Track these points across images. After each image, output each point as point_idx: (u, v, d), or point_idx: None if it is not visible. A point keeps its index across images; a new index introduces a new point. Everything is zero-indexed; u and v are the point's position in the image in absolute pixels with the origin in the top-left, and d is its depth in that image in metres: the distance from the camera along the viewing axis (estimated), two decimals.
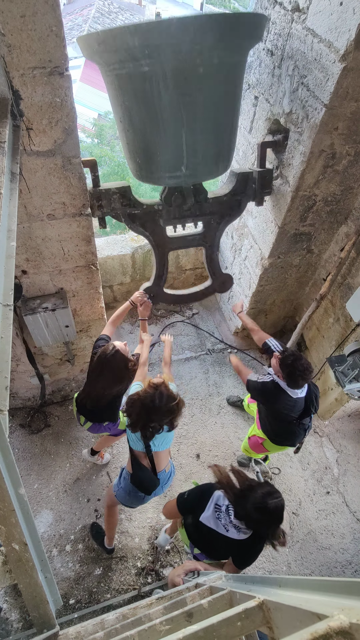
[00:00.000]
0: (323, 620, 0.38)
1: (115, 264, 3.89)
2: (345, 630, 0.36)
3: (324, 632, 0.36)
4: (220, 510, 1.94)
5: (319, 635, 0.36)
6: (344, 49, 1.96)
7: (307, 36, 2.21)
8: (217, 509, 1.95)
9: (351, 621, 0.36)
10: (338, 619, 0.37)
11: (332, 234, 3.11)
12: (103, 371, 2.39)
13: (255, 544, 1.93)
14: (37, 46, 1.59)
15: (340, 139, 2.37)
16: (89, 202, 2.29)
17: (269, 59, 2.60)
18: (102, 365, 2.38)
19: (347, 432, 3.77)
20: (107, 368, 2.38)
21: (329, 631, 0.36)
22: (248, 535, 1.89)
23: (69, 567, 2.91)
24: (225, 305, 4.30)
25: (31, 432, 3.50)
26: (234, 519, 1.87)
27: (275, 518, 1.79)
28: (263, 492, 1.81)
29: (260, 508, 1.76)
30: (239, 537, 1.89)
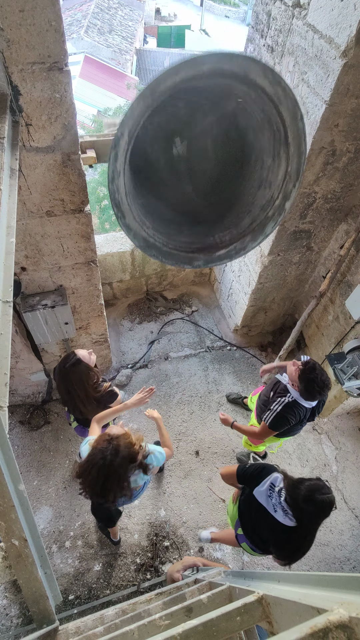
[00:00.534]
0: (323, 614, 0.38)
1: (114, 261, 3.89)
2: (345, 624, 0.36)
3: (323, 625, 0.36)
4: (273, 490, 2.00)
5: (319, 629, 0.36)
6: (344, 45, 1.95)
7: (307, 32, 2.20)
8: (271, 488, 2.01)
9: (351, 615, 0.36)
10: (338, 613, 0.37)
11: (332, 231, 3.11)
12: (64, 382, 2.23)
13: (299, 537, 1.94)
14: (36, 41, 1.58)
15: (340, 136, 2.36)
16: None
17: (269, 55, 2.59)
18: (62, 376, 2.22)
19: (345, 429, 3.78)
20: (67, 379, 2.21)
21: (329, 625, 0.36)
22: (293, 523, 1.92)
23: (69, 563, 2.92)
24: (224, 302, 4.30)
25: (30, 429, 3.51)
26: (284, 502, 1.93)
27: (321, 511, 1.84)
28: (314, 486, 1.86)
29: (309, 499, 1.82)
30: (285, 522, 1.93)
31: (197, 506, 3.21)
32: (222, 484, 3.33)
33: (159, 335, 4.17)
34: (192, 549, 3.03)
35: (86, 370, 2.23)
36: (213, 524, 3.14)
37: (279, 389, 2.48)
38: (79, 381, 2.22)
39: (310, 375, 2.18)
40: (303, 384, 2.20)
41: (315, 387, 2.17)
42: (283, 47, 2.44)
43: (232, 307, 4.08)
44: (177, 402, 3.75)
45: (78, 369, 2.21)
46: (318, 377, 2.17)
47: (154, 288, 4.42)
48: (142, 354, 4.03)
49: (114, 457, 1.67)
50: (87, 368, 2.24)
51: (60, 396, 2.35)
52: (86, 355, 2.28)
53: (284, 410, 2.33)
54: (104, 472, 1.66)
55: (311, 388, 2.18)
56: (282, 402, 2.34)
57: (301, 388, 2.23)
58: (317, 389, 2.18)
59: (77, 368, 2.21)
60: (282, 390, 2.43)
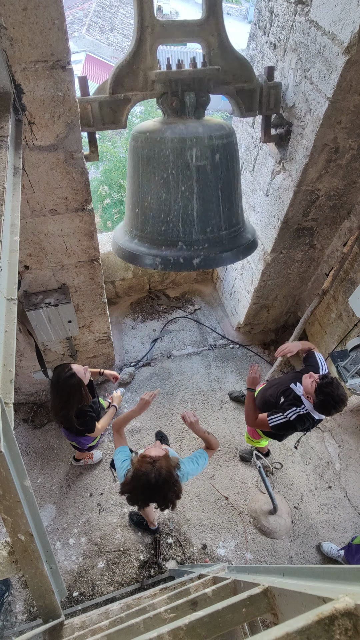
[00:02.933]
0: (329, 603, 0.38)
1: (117, 259, 3.89)
2: (351, 611, 0.36)
3: (329, 613, 0.36)
4: None
5: (325, 617, 0.36)
6: (347, 41, 1.94)
7: (310, 29, 2.19)
8: None
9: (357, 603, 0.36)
10: (344, 601, 0.37)
11: (334, 229, 3.10)
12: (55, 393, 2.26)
13: None
14: (39, 39, 1.59)
15: (343, 133, 2.35)
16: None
17: (272, 52, 2.58)
18: (54, 387, 2.26)
19: (349, 427, 3.77)
20: (60, 391, 2.24)
21: (335, 613, 0.36)
22: None
23: (72, 560, 2.94)
24: (227, 300, 4.30)
25: (34, 427, 3.53)
26: None
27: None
28: None
29: None
30: None
31: (200, 504, 3.22)
32: (225, 482, 3.34)
33: (162, 334, 4.18)
34: (195, 546, 3.04)
35: (78, 385, 2.24)
36: (216, 522, 3.15)
37: (290, 396, 2.44)
38: (65, 396, 2.23)
39: (327, 390, 2.15)
40: (320, 398, 2.17)
41: (331, 402, 2.15)
42: (286, 43, 2.43)
43: (235, 305, 4.08)
44: (179, 400, 3.76)
45: (70, 383, 2.21)
46: (335, 392, 2.14)
47: (156, 286, 4.42)
48: (144, 352, 4.04)
49: (157, 479, 1.77)
50: (79, 385, 2.24)
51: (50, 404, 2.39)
52: (81, 370, 2.28)
53: (296, 421, 2.32)
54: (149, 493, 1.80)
55: (327, 403, 2.16)
56: (296, 412, 2.32)
57: (316, 402, 2.20)
58: (332, 404, 2.15)
59: (69, 382, 2.21)
60: (294, 399, 2.40)
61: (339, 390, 2.15)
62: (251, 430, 2.91)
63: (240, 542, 3.09)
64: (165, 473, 1.79)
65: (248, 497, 3.29)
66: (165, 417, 3.64)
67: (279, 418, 2.33)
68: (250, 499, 3.28)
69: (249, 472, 3.42)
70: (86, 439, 2.69)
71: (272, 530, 3.12)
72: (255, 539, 3.12)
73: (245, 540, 3.10)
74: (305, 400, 2.32)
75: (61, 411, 2.29)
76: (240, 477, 3.38)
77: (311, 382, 2.24)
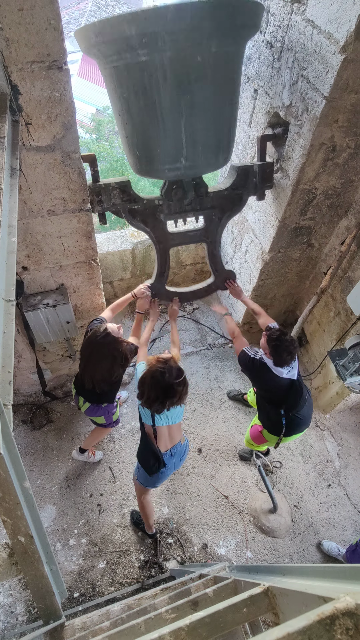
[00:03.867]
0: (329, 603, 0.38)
1: (115, 259, 3.89)
2: (352, 611, 0.36)
3: (330, 613, 0.36)
4: None
5: (326, 616, 0.36)
6: (344, 40, 1.94)
7: (306, 27, 2.19)
8: None
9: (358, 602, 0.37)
10: (344, 601, 0.37)
11: (332, 227, 3.10)
12: (93, 354, 2.30)
13: None
14: (35, 40, 1.58)
15: (340, 132, 2.36)
16: (89, 197, 2.29)
17: (268, 51, 2.58)
18: (92, 348, 2.29)
19: (348, 425, 3.78)
20: (97, 351, 2.28)
21: (336, 612, 0.36)
22: None
23: (73, 561, 2.94)
24: (225, 300, 4.30)
25: (33, 428, 3.52)
26: None
27: None
28: None
29: None
30: None
31: (200, 503, 3.22)
32: (225, 481, 3.34)
33: (161, 334, 4.18)
34: (195, 546, 3.04)
35: (115, 342, 2.30)
36: (217, 521, 3.15)
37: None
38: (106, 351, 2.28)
39: (274, 336, 2.35)
40: (271, 344, 2.35)
41: (282, 346, 2.31)
42: (282, 43, 2.43)
43: (233, 305, 4.08)
44: None
45: (108, 339, 2.27)
46: (282, 336, 2.34)
47: None
48: None
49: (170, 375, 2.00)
50: (116, 340, 2.31)
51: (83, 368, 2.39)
52: (115, 329, 2.36)
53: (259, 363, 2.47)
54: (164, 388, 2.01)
55: (279, 348, 2.32)
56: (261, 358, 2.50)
57: (271, 351, 2.36)
58: (284, 347, 2.32)
59: (108, 339, 2.27)
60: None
61: (287, 335, 2.36)
62: (254, 432, 2.90)
63: (241, 541, 3.09)
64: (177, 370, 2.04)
65: (248, 496, 3.30)
66: None
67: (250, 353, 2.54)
68: (250, 498, 3.28)
69: (248, 471, 3.42)
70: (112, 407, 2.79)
71: (273, 529, 3.13)
72: (255, 537, 3.12)
73: (246, 539, 3.10)
74: (266, 358, 2.46)
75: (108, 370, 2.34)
76: (240, 476, 3.39)
77: (264, 338, 2.44)
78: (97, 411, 2.73)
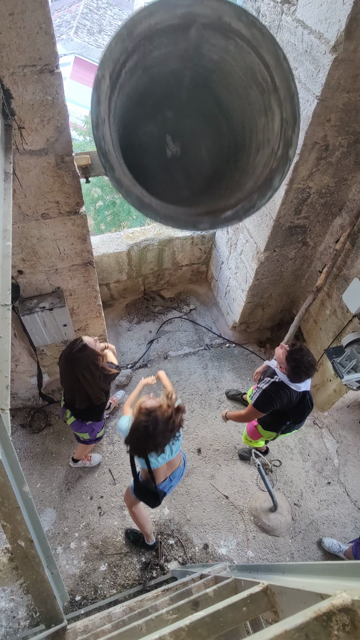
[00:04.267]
0: (326, 599, 0.39)
1: (111, 261, 3.89)
2: (348, 607, 0.37)
3: (327, 609, 0.37)
4: None
5: (322, 613, 0.37)
6: (334, 39, 1.96)
7: (297, 28, 2.20)
8: None
9: (353, 599, 0.37)
10: (341, 597, 0.38)
11: (326, 226, 3.12)
12: (69, 368, 2.25)
13: None
14: (27, 44, 1.58)
15: (333, 131, 2.37)
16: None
17: None
18: (68, 362, 2.23)
19: (346, 422, 3.79)
20: (74, 366, 2.22)
21: (332, 609, 0.37)
22: None
23: (74, 564, 2.93)
24: (222, 300, 4.31)
25: (32, 431, 3.51)
26: None
27: None
28: None
29: None
30: None
31: (200, 504, 3.23)
32: (225, 481, 3.34)
33: (158, 335, 4.18)
34: (196, 546, 3.04)
35: (92, 355, 2.26)
36: (217, 521, 3.16)
37: (268, 373, 2.56)
38: (85, 366, 2.24)
39: (297, 356, 2.25)
40: (290, 364, 2.27)
41: (302, 367, 2.24)
42: None
43: (230, 305, 4.09)
44: None
45: (84, 354, 2.23)
46: (304, 357, 2.24)
47: (151, 287, 4.42)
48: (141, 353, 4.04)
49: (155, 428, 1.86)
50: (93, 353, 2.27)
51: (64, 384, 2.37)
52: (91, 341, 2.31)
53: (270, 389, 2.39)
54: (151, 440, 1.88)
55: (298, 369, 2.25)
56: (268, 381, 2.41)
57: (288, 369, 2.29)
58: (303, 369, 2.25)
59: (84, 353, 2.23)
60: (271, 374, 2.50)
61: (309, 356, 2.26)
62: (250, 428, 2.93)
63: (242, 541, 3.09)
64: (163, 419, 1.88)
65: (248, 496, 3.30)
66: None
67: (255, 393, 2.44)
68: (250, 497, 3.29)
69: (248, 470, 3.43)
70: (98, 425, 2.74)
71: (273, 528, 3.13)
72: (256, 537, 3.13)
73: (247, 539, 3.11)
74: (279, 371, 2.40)
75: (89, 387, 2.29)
76: (239, 476, 3.39)
77: (282, 352, 2.33)
78: (81, 427, 2.69)
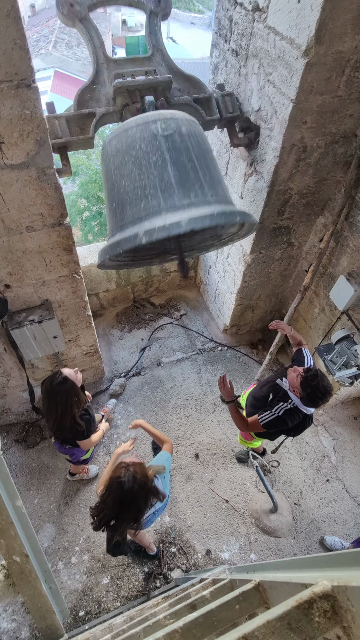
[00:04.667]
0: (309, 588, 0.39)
1: (99, 271, 3.89)
2: (328, 593, 0.37)
3: (308, 597, 0.38)
4: None
5: (304, 601, 0.37)
6: (305, 44, 2.00)
7: (269, 34, 2.25)
8: None
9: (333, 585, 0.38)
10: (322, 585, 0.38)
11: (310, 225, 3.16)
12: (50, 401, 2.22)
13: None
14: (2, 60, 1.60)
15: (309, 132, 2.41)
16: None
17: (234, 59, 2.64)
18: (49, 395, 2.21)
19: (341, 419, 3.82)
20: (52, 398, 2.20)
21: (313, 596, 0.38)
22: None
23: (76, 579, 2.89)
24: (212, 303, 4.33)
25: (27, 446, 3.47)
26: None
27: None
28: None
29: None
30: None
31: (201, 509, 3.21)
32: (224, 485, 3.34)
33: (150, 342, 4.18)
34: (199, 553, 3.02)
35: (72, 390, 2.21)
36: (218, 526, 3.14)
37: (279, 393, 2.47)
38: (63, 400, 2.20)
39: (313, 382, 2.18)
40: (306, 391, 2.20)
41: (319, 394, 2.17)
42: (247, 50, 2.49)
43: (220, 308, 4.11)
44: (172, 407, 3.76)
45: (64, 387, 2.19)
46: (320, 383, 2.17)
47: (140, 295, 4.43)
48: (134, 361, 4.03)
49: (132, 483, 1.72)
50: (73, 388, 2.22)
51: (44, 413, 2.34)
52: (72, 373, 2.26)
53: (285, 415, 2.34)
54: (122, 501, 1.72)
55: (314, 395, 2.18)
56: (284, 407, 2.35)
57: (303, 395, 2.23)
58: (319, 396, 2.18)
59: (63, 387, 2.19)
60: (283, 396, 2.43)
61: (324, 381, 2.19)
62: (244, 435, 2.93)
63: (244, 544, 3.08)
64: (141, 477, 1.76)
65: (248, 498, 3.30)
66: (159, 425, 3.63)
67: (268, 416, 2.36)
68: (250, 500, 3.28)
69: (247, 472, 3.43)
70: (79, 451, 2.67)
71: (275, 529, 3.13)
72: (258, 539, 3.12)
73: (249, 542, 3.10)
74: (292, 395, 2.36)
75: (59, 419, 2.26)
76: (239, 479, 3.39)
77: (296, 376, 2.27)
78: (61, 448, 2.65)
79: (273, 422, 2.35)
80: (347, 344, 2.88)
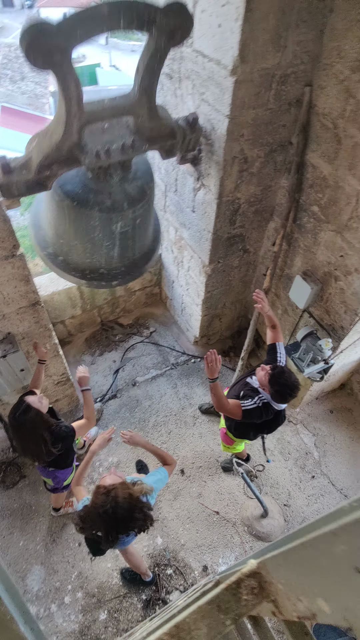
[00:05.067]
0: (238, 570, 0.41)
1: (62, 298, 3.86)
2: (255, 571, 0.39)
3: (236, 578, 0.39)
4: None
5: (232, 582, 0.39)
6: (231, 64, 2.12)
7: (197, 57, 2.37)
8: None
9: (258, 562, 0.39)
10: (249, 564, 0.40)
11: (262, 231, 3.28)
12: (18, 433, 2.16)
13: None
14: None
15: (248, 144, 2.54)
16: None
17: (169, 82, 2.76)
18: (14, 427, 2.15)
19: (318, 414, 3.90)
20: (18, 431, 2.14)
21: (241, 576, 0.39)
22: None
23: (72, 620, 2.76)
24: (180, 317, 4.37)
25: (6, 487, 3.33)
26: None
27: None
28: None
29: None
30: None
31: (192, 525, 3.17)
32: (212, 497, 3.31)
33: (123, 363, 4.15)
34: (195, 570, 2.96)
35: (37, 418, 2.14)
36: (212, 539, 3.10)
37: (248, 388, 2.53)
38: (30, 430, 2.13)
39: (281, 380, 2.26)
40: (275, 388, 2.27)
41: (287, 390, 2.25)
42: (179, 73, 2.61)
43: (188, 320, 4.15)
44: (153, 425, 3.72)
45: (28, 417, 2.12)
46: (288, 380, 2.25)
47: (107, 317, 4.41)
48: (108, 385, 3.98)
49: (115, 510, 1.64)
50: (38, 416, 2.15)
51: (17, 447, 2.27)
52: (35, 401, 2.19)
53: (263, 407, 2.40)
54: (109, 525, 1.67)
55: (283, 392, 2.26)
56: (262, 399, 2.42)
57: (272, 392, 2.30)
58: (288, 392, 2.26)
59: (28, 416, 2.11)
60: (252, 391, 2.49)
61: (292, 377, 2.28)
62: (224, 436, 2.94)
63: (240, 554, 3.05)
64: (123, 500, 1.67)
65: (238, 506, 3.28)
66: None
67: (250, 404, 2.41)
68: (240, 508, 3.27)
69: (234, 481, 3.42)
70: (62, 473, 2.60)
71: (268, 534, 3.12)
72: (253, 546, 3.10)
73: (244, 551, 3.07)
74: (262, 391, 2.42)
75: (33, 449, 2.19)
76: (226, 489, 3.38)
77: (264, 374, 2.34)
78: (44, 472, 2.58)
79: (253, 411, 2.39)
80: (312, 340, 2.98)
